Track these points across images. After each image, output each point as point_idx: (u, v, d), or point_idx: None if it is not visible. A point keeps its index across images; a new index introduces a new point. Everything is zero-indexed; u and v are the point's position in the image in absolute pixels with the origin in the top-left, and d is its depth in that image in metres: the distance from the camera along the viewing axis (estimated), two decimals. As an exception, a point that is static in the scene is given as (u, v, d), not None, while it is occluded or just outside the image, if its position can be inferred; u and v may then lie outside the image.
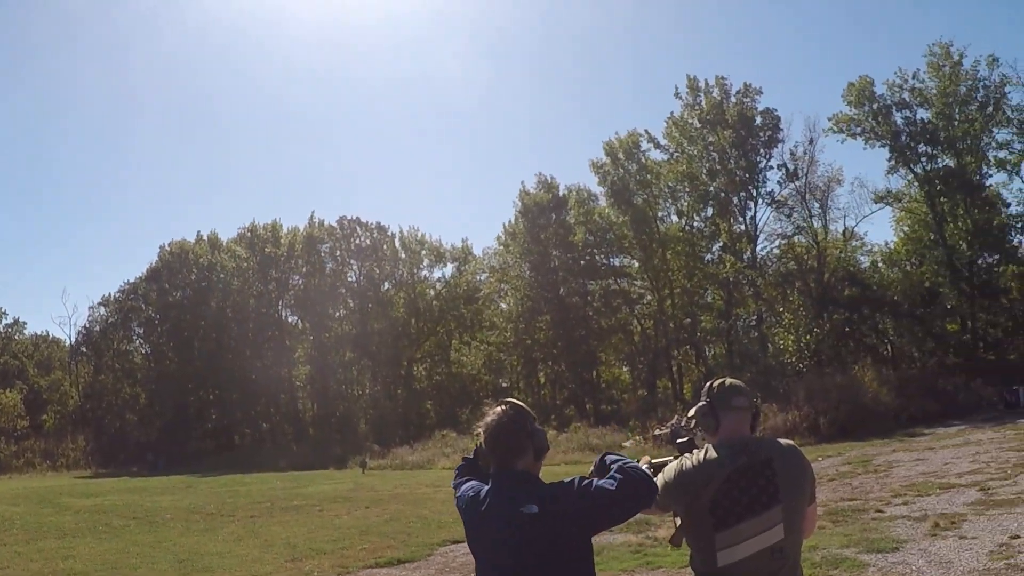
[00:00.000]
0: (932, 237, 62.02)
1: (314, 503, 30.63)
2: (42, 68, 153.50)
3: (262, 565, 17.61)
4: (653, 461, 5.66)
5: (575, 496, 4.59)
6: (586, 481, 4.67)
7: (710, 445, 5.20)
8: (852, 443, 37.55)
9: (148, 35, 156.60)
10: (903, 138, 62.08)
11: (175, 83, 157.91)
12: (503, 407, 4.94)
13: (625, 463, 4.84)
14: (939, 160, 63.25)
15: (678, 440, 5.66)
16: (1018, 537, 14.02)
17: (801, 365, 55.29)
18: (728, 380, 5.43)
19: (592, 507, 4.57)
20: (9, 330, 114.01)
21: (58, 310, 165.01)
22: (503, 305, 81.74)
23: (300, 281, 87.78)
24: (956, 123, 61.34)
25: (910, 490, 20.64)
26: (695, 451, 5.26)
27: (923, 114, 62.23)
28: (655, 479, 5.08)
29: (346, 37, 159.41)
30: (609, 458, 5.03)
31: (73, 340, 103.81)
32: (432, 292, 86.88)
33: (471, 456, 5.47)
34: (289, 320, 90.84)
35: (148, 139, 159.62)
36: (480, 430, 4.97)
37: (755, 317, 66.55)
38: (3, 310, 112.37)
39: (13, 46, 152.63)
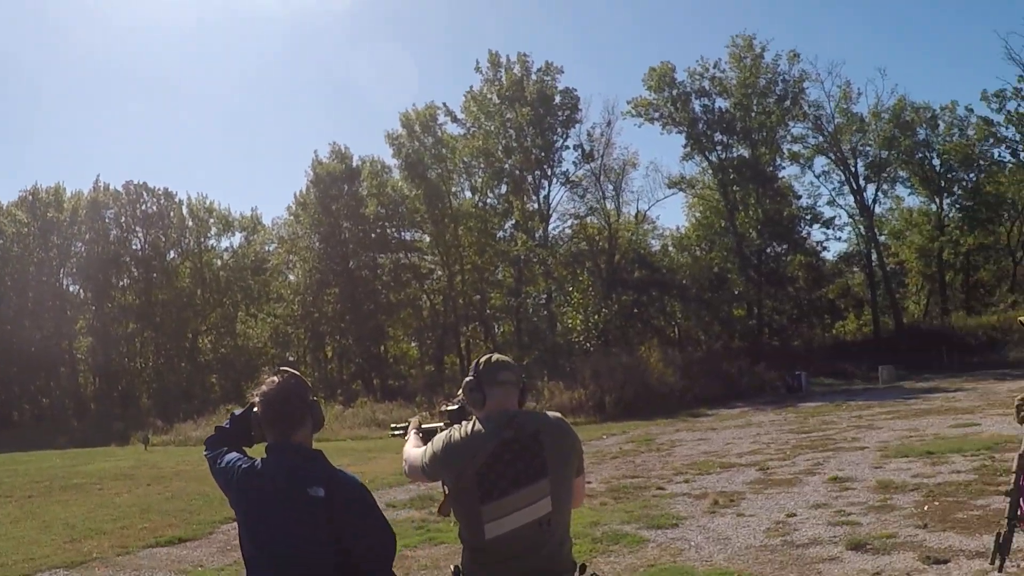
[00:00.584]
0: (723, 224, 64.14)
1: (94, 481, 29.51)
2: None
3: (40, 547, 16.84)
4: (423, 426, 5.89)
5: (361, 494, 4.58)
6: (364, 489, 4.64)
7: (476, 418, 5.15)
8: (637, 422, 38.12)
9: None
10: (700, 125, 64.08)
11: None
12: (282, 375, 4.83)
13: None
14: (734, 149, 65.89)
15: (447, 408, 5.69)
16: (794, 515, 14.48)
17: (588, 344, 56.16)
18: (495, 356, 5.36)
19: (370, 522, 4.55)
20: None
21: None
22: (291, 277, 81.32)
23: (83, 248, 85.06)
24: (754, 114, 63.70)
25: (691, 468, 21.19)
26: (464, 423, 5.19)
27: (722, 103, 64.59)
28: (423, 449, 5.25)
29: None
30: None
31: None
32: (219, 262, 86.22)
33: (226, 425, 5.22)
34: (70, 289, 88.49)
35: None
36: (257, 398, 4.79)
37: (545, 296, 67.45)
38: None
39: None
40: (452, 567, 5.08)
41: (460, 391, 5.43)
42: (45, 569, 14.79)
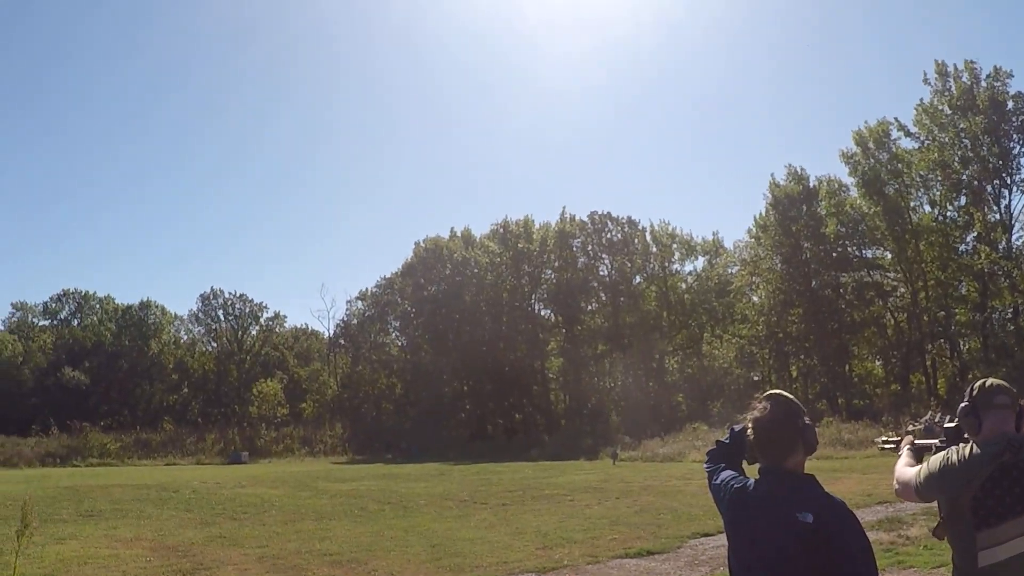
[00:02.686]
0: None
1: (565, 492, 31.80)
2: (302, 75, 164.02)
3: (513, 552, 18.25)
4: (917, 442, 6.14)
5: (852, 521, 4.53)
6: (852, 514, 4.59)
7: (974, 443, 5.33)
8: None
9: (399, 42, 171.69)
10: None
11: (428, 86, 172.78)
12: (773, 400, 4.84)
13: None
14: None
15: (945, 425, 5.87)
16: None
17: None
18: (991, 380, 5.52)
19: (859, 549, 4.46)
20: (271, 323, 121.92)
21: (317, 304, 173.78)
22: (755, 298, 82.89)
23: (552, 275, 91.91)
24: None
25: None
26: (960, 445, 5.41)
27: None
28: (919, 468, 5.57)
29: (592, 35, 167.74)
30: None
31: (331, 332, 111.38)
32: (683, 285, 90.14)
33: (725, 440, 5.39)
34: (542, 313, 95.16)
35: (404, 139, 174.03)
36: (748, 424, 4.90)
37: (1011, 310, 66.28)
38: (265, 304, 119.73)
39: (279, 58, 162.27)
40: None
41: (953, 416, 5.70)
42: (518, 572, 16.21)
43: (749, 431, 4.89)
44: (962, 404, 5.54)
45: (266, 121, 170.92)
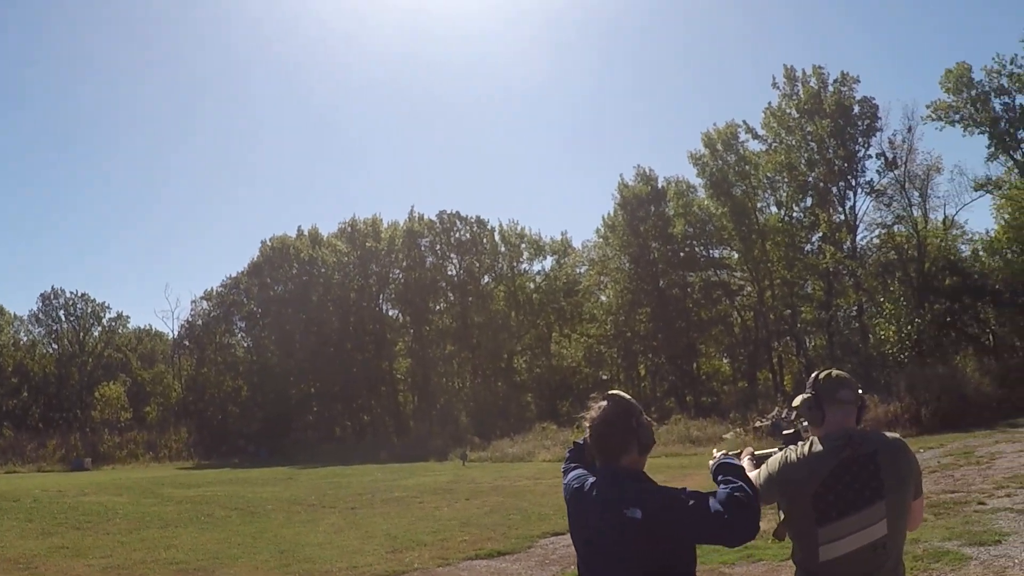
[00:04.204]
0: (1033, 224, 61.68)
1: (414, 495, 31.60)
2: (147, 72, 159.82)
3: (363, 556, 18.09)
4: (756, 453, 5.90)
5: (687, 512, 4.50)
6: (694, 498, 4.54)
7: (815, 438, 5.29)
8: (954, 434, 37.57)
9: (259, 43, 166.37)
10: (1002, 124, 61.76)
11: (275, 82, 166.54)
12: (607, 401, 4.90)
13: (739, 492, 4.62)
14: (1039, 146, 63.06)
15: (783, 432, 5.77)
16: None
17: (902, 356, 55.48)
18: (834, 372, 5.53)
19: (702, 529, 4.50)
20: (113, 324, 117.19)
21: (161, 304, 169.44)
22: (603, 297, 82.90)
23: (400, 275, 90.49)
24: (1057, 109, 61.22)
25: (1013, 482, 20.45)
26: (800, 443, 5.37)
27: (1022, 99, 61.78)
28: (758, 472, 5.42)
29: (441, 35, 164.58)
30: (721, 478, 4.83)
31: (176, 334, 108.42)
32: (532, 285, 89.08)
33: (581, 441, 5.38)
34: (390, 314, 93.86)
35: (251, 135, 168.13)
36: (585, 424, 4.92)
37: (855, 308, 67.07)
38: (107, 304, 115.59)
39: (139, 51, 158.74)
40: None
41: (794, 405, 5.56)
42: None
43: (586, 431, 4.94)
44: (804, 396, 5.49)
45: (110, 119, 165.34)
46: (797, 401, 5.53)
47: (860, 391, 5.46)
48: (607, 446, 4.78)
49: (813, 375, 5.55)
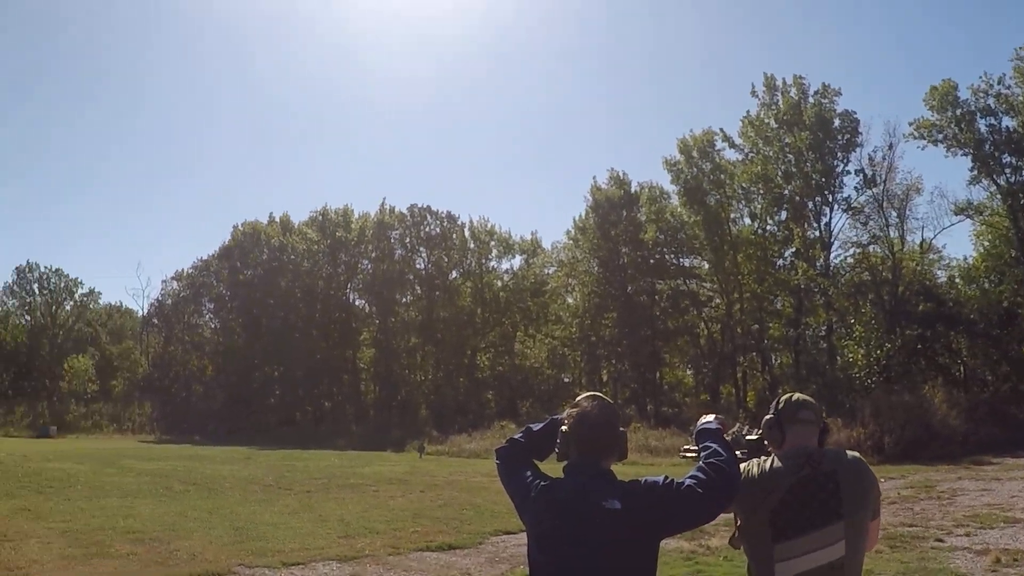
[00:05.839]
0: (1013, 254, 59.07)
1: (370, 483, 31.62)
2: (121, 47, 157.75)
3: (315, 539, 18.16)
4: (738, 435, 5.70)
5: (660, 494, 4.48)
6: (669, 480, 4.54)
7: (775, 456, 5.14)
8: (916, 466, 36.53)
9: (224, 29, 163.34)
10: (987, 147, 58.93)
11: (249, 70, 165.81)
12: (600, 402, 4.77)
13: (714, 457, 4.67)
14: (1024, 172, 60.28)
15: (747, 438, 5.62)
16: (1089, 581, 13.67)
17: (869, 381, 53.03)
18: (796, 395, 5.37)
19: (677, 507, 4.46)
20: (84, 299, 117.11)
21: (132, 282, 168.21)
22: (569, 300, 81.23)
23: (369, 266, 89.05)
24: (1045, 133, 58.47)
25: (973, 520, 19.90)
26: (762, 459, 5.20)
27: (1009, 122, 58.98)
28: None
29: (421, 30, 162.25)
30: (702, 443, 4.87)
31: (145, 311, 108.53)
32: (499, 283, 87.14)
33: (520, 438, 5.16)
34: (356, 304, 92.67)
35: (226, 121, 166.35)
36: (573, 417, 4.71)
37: (825, 327, 64.17)
38: (80, 280, 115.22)
39: (97, 30, 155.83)
40: None
41: (755, 430, 5.58)
42: (319, 560, 15.90)
43: (565, 427, 4.78)
44: (767, 416, 5.36)
45: (86, 93, 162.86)
46: (761, 425, 5.41)
47: (823, 415, 5.35)
48: (596, 445, 4.64)
49: (776, 399, 5.39)
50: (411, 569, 15.31)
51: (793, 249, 64.94)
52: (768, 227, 67.09)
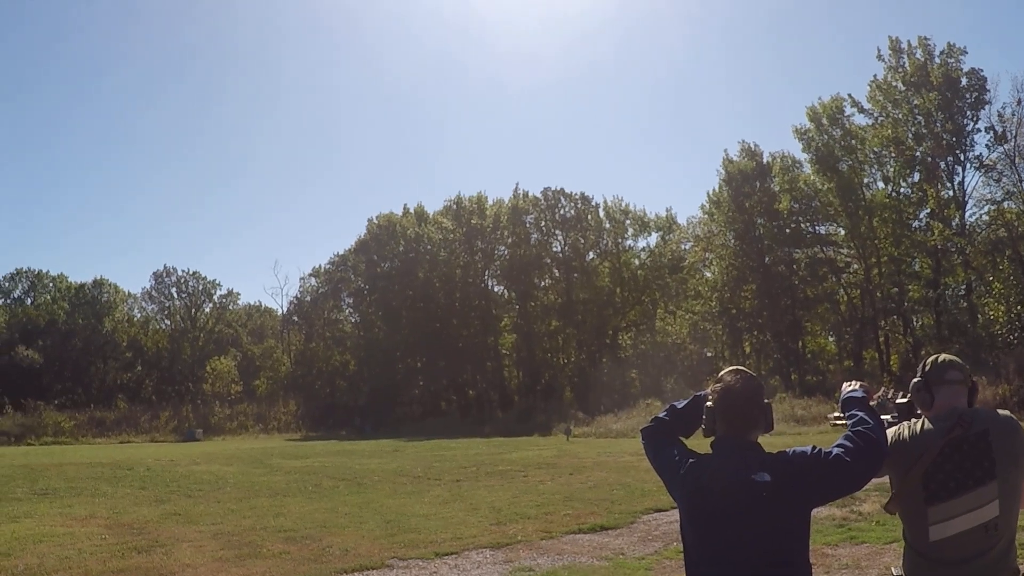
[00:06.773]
0: None
1: (518, 469, 31.73)
2: (252, 51, 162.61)
3: (467, 528, 18.07)
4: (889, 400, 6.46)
5: (809, 464, 4.54)
6: (817, 449, 4.59)
7: (925, 418, 5.22)
8: None
9: (352, 29, 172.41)
10: None
11: (382, 62, 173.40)
12: (744, 375, 4.80)
13: (861, 425, 4.73)
14: None
15: (897, 401, 5.68)
16: None
17: (1012, 337, 53.85)
18: (943, 356, 5.43)
19: (826, 476, 4.54)
20: (224, 300, 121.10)
21: (270, 281, 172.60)
22: (708, 274, 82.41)
23: (505, 252, 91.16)
24: None
25: None
26: (912, 421, 5.30)
27: None
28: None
29: (544, 7, 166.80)
30: (848, 412, 4.95)
31: (285, 309, 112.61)
32: (637, 261, 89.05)
33: (663, 416, 5.26)
34: (495, 290, 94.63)
35: (357, 115, 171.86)
36: (718, 392, 4.78)
37: (964, 286, 65.15)
38: (218, 282, 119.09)
39: (227, 34, 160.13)
40: (892, 570, 5.28)
41: (905, 392, 5.56)
42: (472, 548, 15.87)
43: (710, 402, 4.81)
44: (915, 379, 5.39)
45: (218, 98, 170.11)
46: (910, 389, 5.46)
47: (971, 374, 5.35)
48: (742, 420, 4.71)
49: (922, 362, 5.46)
50: (564, 552, 15.29)
51: (928, 210, 66.20)
52: (902, 190, 68.10)
